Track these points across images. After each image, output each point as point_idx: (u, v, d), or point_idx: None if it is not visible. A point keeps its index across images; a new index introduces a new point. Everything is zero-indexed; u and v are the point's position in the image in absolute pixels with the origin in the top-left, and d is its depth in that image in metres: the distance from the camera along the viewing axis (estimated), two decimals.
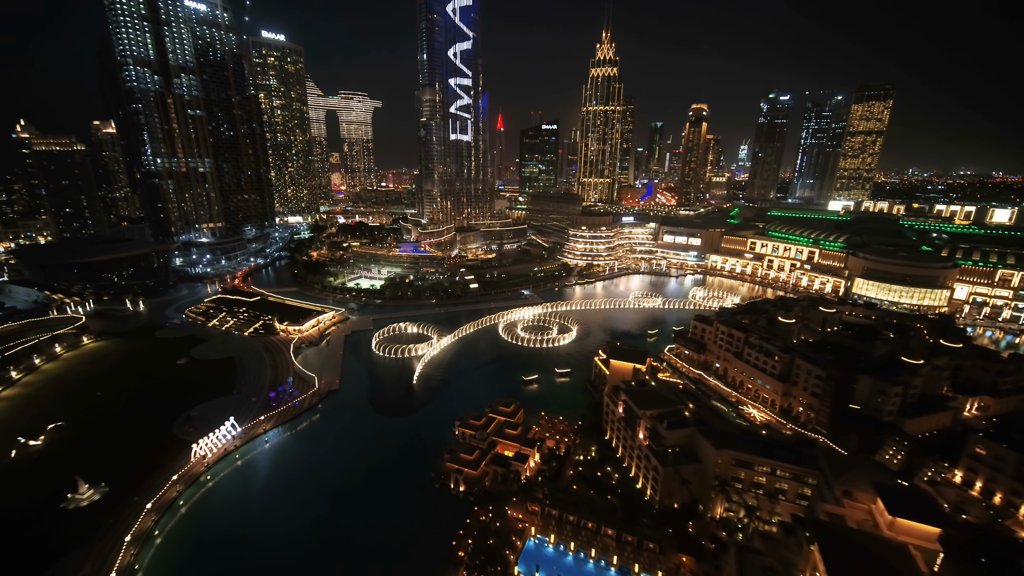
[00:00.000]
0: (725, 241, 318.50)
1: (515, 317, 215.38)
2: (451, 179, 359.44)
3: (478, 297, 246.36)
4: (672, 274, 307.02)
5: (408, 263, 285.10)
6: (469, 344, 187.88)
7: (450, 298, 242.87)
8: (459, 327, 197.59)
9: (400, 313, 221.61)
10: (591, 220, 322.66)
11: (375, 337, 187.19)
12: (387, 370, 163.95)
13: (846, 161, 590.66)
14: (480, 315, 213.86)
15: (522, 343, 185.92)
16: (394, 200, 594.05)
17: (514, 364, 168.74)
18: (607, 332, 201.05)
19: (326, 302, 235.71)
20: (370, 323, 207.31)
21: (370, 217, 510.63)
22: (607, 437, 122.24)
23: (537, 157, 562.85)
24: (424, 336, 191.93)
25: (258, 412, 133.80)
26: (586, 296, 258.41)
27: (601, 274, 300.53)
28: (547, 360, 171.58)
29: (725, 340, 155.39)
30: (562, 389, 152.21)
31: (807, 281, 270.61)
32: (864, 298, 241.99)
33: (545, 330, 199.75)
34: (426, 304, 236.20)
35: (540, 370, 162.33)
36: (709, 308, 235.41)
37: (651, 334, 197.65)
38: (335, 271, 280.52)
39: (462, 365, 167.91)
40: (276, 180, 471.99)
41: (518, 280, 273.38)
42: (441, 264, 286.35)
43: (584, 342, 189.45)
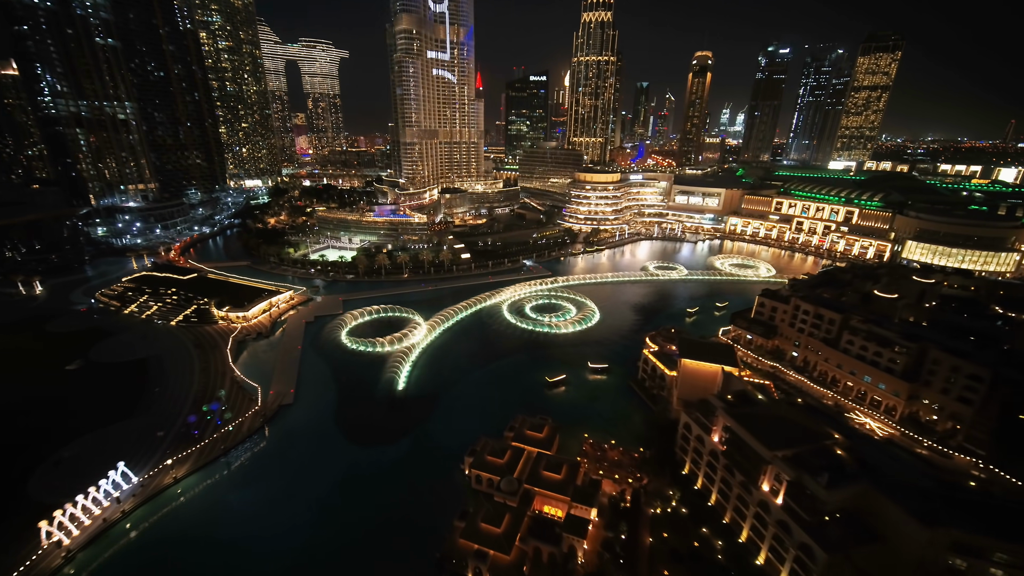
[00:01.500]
0: (746, 202, 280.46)
1: (520, 294, 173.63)
2: (432, 131, 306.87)
3: (472, 270, 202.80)
4: (689, 239, 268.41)
5: (385, 230, 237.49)
6: (468, 331, 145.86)
7: (439, 272, 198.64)
8: (453, 309, 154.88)
9: (378, 292, 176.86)
10: (596, 178, 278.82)
11: (346, 324, 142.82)
12: (362, 371, 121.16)
13: (848, 119, 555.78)
14: (477, 292, 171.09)
15: (534, 327, 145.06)
16: (367, 163, 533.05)
17: (529, 357, 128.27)
18: (636, 311, 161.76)
19: (284, 279, 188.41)
20: (339, 305, 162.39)
21: (340, 181, 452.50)
22: (685, 471, 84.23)
23: (524, 113, 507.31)
24: (409, 321, 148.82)
25: (169, 448, 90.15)
26: (596, 266, 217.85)
27: (610, 240, 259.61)
28: (571, 350, 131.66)
29: (809, 322, 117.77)
30: (600, 392, 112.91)
31: (844, 245, 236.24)
32: (915, 263, 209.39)
33: (560, 309, 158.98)
34: (410, 280, 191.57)
35: (566, 366, 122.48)
36: (743, 278, 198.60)
37: (690, 312, 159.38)
38: (296, 241, 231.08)
39: (463, 361, 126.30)
40: (227, 137, 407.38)
41: (517, 249, 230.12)
42: (425, 231, 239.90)
43: (612, 324, 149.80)
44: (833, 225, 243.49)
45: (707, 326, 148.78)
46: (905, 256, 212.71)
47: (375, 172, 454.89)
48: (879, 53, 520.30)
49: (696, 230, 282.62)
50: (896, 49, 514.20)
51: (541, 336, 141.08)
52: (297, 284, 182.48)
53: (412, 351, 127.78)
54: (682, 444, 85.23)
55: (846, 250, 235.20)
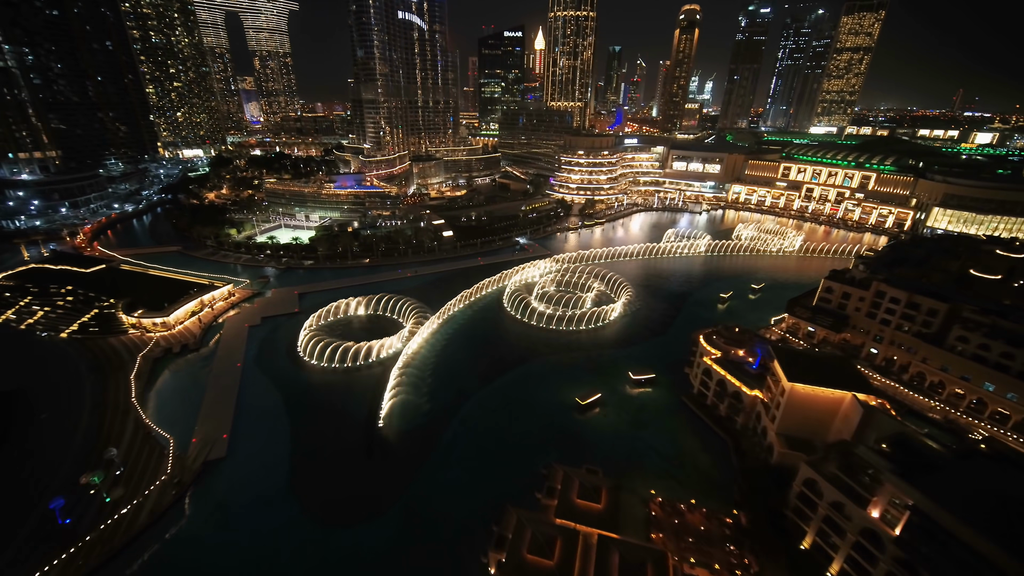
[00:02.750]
0: (750, 167, 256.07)
1: (521, 279, 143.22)
2: (399, 86, 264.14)
3: (458, 251, 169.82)
4: (693, 209, 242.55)
5: (349, 204, 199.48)
6: (463, 331, 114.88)
7: (418, 254, 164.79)
8: (440, 300, 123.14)
9: (344, 281, 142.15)
10: (589, 142, 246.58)
11: (304, 328, 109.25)
12: (327, 398, 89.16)
13: (829, 83, 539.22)
14: (468, 279, 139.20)
15: (545, 323, 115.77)
16: (326, 130, 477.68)
17: (547, 367, 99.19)
18: (661, 296, 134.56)
19: (225, 269, 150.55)
20: (294, 301, 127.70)
21: (296, 149, 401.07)
22: (806, 546, 58.43)
23: (499, 74, 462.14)
24: (387, 322, 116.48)
25: (20, 555, 56.89)
26: (598, 242, 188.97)
27: (608, 212, 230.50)
28: (596, 353, 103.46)
29: (899, 313, 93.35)
30: (647, 413, 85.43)
31: (860, 213, 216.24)
32: (941, 231, 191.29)
33: (572, 298, 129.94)
34: (383, 265, 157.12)
35: (595, 375, 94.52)
36: (768, 252, 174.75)
37: (723, 297, 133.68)
38: (241, 219, 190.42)
39: (462, 377, 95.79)
40: (157, 98, 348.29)
41: (506, 224, 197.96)
42: (396, 204, 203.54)
43: (638, 315, 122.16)
44: (847, 192, 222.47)
45: (749, 314, 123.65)
46: (930, 225, 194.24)
47: (335, 140, 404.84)
48: (862, 12, 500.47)
49: (697, 199, 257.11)
50: (880, 8, 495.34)
51: (556, 336, 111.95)
52: (240, 275, 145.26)
53: (393, 364, 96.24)
54: (799, 505, 59.10)
55: (862, 219, 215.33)
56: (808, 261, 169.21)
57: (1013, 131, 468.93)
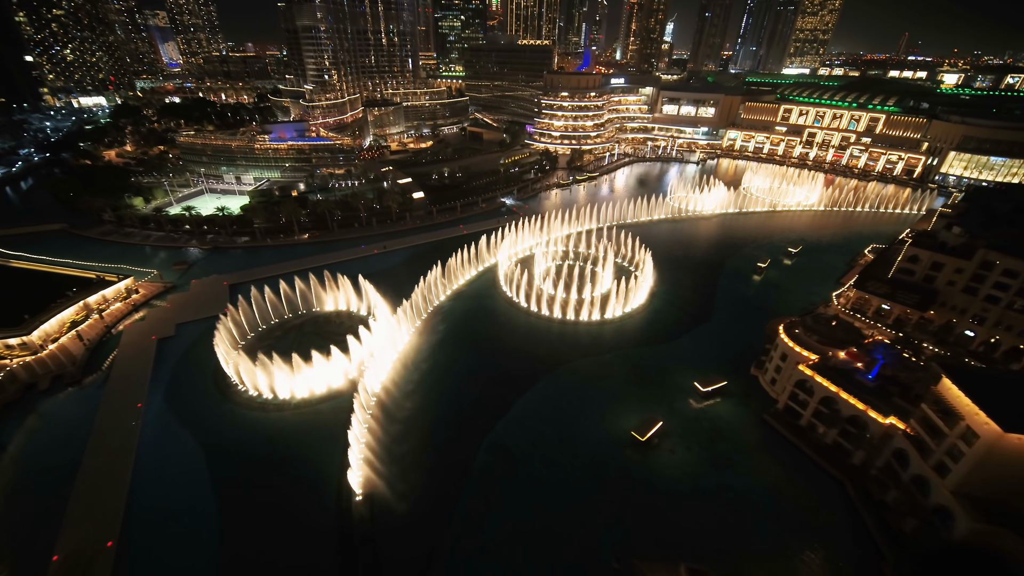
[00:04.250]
0: (747, 110, 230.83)
1: (517, 251, 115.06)
2: (345, 12, 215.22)
3: (435, 217, 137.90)
4: (690, 160, 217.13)
5: (292, 161, 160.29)
6: (454, 329, 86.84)
7: (384, 223, 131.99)
8: (418, 285, 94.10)
9: (291, 265, 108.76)
10: (575, 82, 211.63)
11: (237, 339, 78.16)
12: (273, 457, 60.79)
13: (803, 20, 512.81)
14: (446, 252, 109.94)
15: (557, 312, 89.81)
16: (258, 73, 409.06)
17: (574, 376, 74.13)
18: (688, 269, 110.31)
19: (129, 254, 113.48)
20: (223, 296, 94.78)
21: (222, 96, 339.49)
22: None
23: (458, 5, 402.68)
24: (351, 320, 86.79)
25: None
26: (595, 200, 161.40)
27: (600, 165, 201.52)
28: (631, 350, 79.52)
29: (1014, 289, 73.73)
30: (729, 445, 62.49)
31: (867, 160, 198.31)
32: (956, 178, 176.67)
33: (583, 274, 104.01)
34: (341, 241, 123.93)
35: (643, 387, 70.85)
36: (789, 209, 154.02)
37: (760, 267, 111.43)
38: (150, 185, 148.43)
39: (463, 403, 68.95)
40: (32, 29, 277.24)
41: (487, 182, 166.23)
42: (351, 160, 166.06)
43: (668, 297, 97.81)
44: (853, 136, 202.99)
45: (796, 286, 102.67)
46: (943, 171, 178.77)
47: (271, 85, 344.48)
48: None
49: (690, 147, 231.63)
50: None
51: (574, 330, 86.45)
52: (147, 262, 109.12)
53: (364, 387, 68.29)
54: None
55: (868, 166, 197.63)
56: (832, 217, 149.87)
57: (977, 72, 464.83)
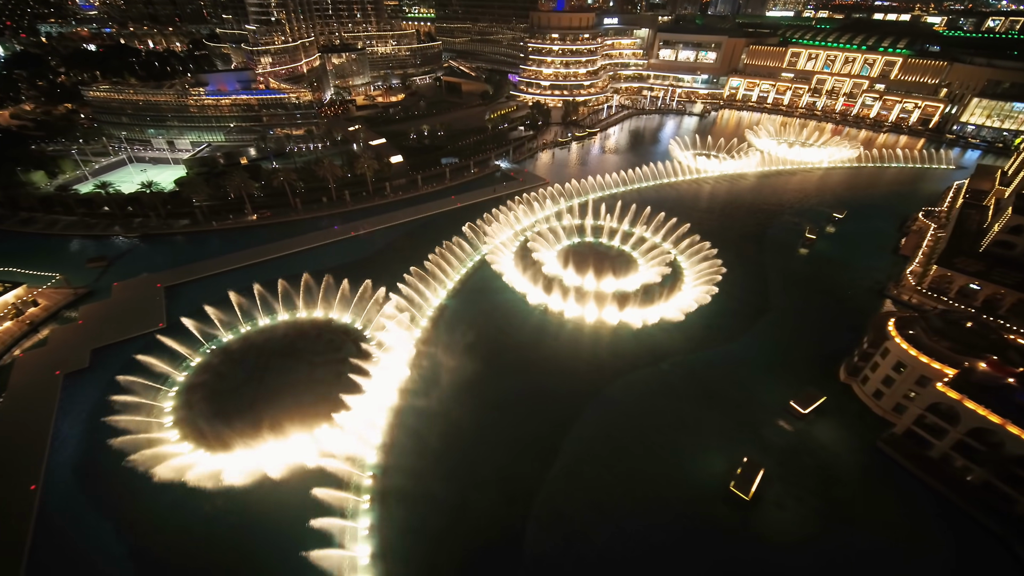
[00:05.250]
0: (750, 55, 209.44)
1: (521, 228, 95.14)
2: None
3: (420, 187, 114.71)
4: (690, 111, 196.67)
5: (238, 120, 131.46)
6: (462, 342, 66.26)
7: (360, 197, 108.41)
8: (411, 285, 74.34)
9: (245, 256, 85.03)
10: (567, 20, 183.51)
11: (180, 367, 57.43)
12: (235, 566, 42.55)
13: None
14: (444, 232, 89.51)
15: (582, 306, 72.28)
16: (192, 16, 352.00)
17: (628, 399, 57.54)
18: (726, 241, 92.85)
19: (25, 249, 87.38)
20: (158, 305, 72.16)
21: (149, 43, 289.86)
22: None
23: None
24: (338, 336, 66.49)
25: None
26: (599, 160, 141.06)
27: (598, 119, 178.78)
28: (689, 357, 63.50)
29: None
30: (845, 488, 47.76)
31: (880, 109, 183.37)
32: (975, 128, 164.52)
33: (603, 255, 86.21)
34: (306, 220, 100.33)
35: (717, 409, 55.34)
36: (815, 166, 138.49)
37: (809, 239, 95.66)
38: (54, 153, 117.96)
39: (495, 456, 51.36)
40: None
41: (474, 142, 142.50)
42: (311, 117, 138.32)
43: (720, 282, 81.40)
44: (865, 83, 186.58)
45: (850, 260, 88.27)
46: (963, 120, 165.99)
47: (207, 29, 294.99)
48: None
49: (689, 97, 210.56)
50: None
51: (609, 334, 69.21)
52: (51, 260, 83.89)
53: (361, 451, 49.97)
54: None
55: (881, 115, 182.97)
56: (861, 174, 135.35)
57: (960, 15, 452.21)
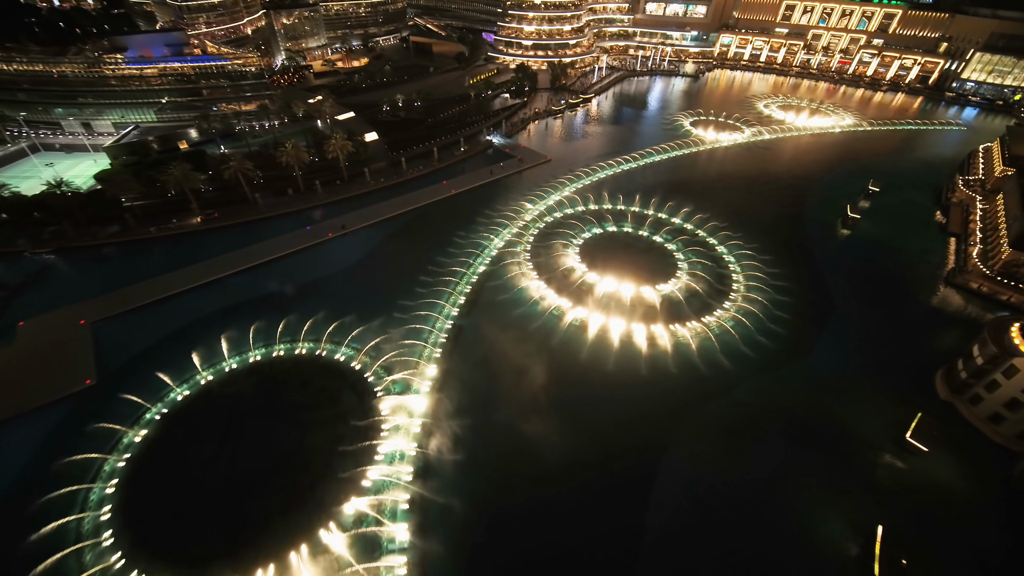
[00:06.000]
0: (742, 8, 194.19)
1: (529, 220, 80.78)
2: None
3: (405, 172, 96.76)
4: (682, 71, 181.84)
5: (171, 94, 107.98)
6: (484, 386, 52.88)
7: (333, 187, 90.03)
8: (405, 289, 60.18)
9: (192, 271, 67.43)
10: None
11: (112, 446, 42.02)
12: None
13: None
14: (439, 228, 74.86)
15: (622, 324, 60.20)
16: None
17: (705, 452, 46.06)
18: (762, 226, 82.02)
19: None
20: (84, 352, 54.63)
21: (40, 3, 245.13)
22: None
23: None
24: (336, 375, 51.59)
25: None
26: (600, 129, 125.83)
27: (589, 83, 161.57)
28: (756, 378, 52.69)
29: None
30: (998, 555, 39.52)
31: (877, 66, 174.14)
32: (975, 85, 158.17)
33: (639, 246, 73.67)
34: (274, 220, 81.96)
35: (821, 452, 44.79)
36: (825, 130, 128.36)
37: (852, 219, 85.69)
38: None
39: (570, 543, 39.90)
40: None
41: (458, 113, 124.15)
42: (262, 88, 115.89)
43: (771, 277, 70.08)
44: (863, 37, 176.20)
45: (903, 242, 79.12)
46: (965, 76, 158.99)
47: None
48: None
49: (679, 56, 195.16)
50: None
51: (658, 350, 57.53)
52: None
53: None
54: None
55: (879, 73, 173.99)
56: (873, 138, 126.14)
57: None
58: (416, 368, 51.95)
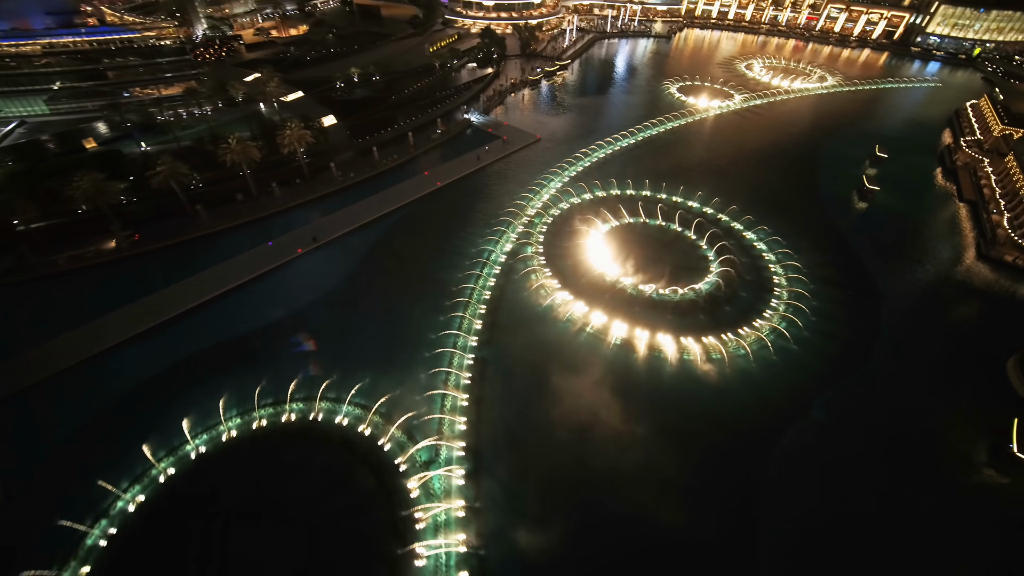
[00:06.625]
0: None
1: (541, 211, 69.81)
2: None
3: (378, 163, 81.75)
4: (654, 32, 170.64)
5: (64, 77, 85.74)
6: (537, 454, 43.97)
7: (292, 187, 74.36)
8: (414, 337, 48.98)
9: (126, 319, 52.28)
10: None
11: None
12: None
13: None
14: (427, 231, 62.84)
15: (669, 336, 52.09)
16: None
17: (797, 519, 39.46)
18: (780, 202, 75.07)
19: None
20: None
21: None
22: None
23: None
24: (343, 446, 39.90)
25: None
26: (586, 101, 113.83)
27: (561, 47, 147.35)
28: (826, 390, 46.66)
29: None
30: None
31: (845, 21, 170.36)
32: (939, 40, 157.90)
33: (666, 243, 64.92)
34: (215, 237, 65.97)
35: (921, 468, 39.39)
36: (808, 92, 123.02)
37: (869, 191, 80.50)
38: None
39: None
40: None
41: (425, 87, 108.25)
42: (185, 67, 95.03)
43: (805, 264, 63.45)
44: None
45: (921, 215, 74.83)
46: (930, 31, 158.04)
47: None
48: None
49: (647, 14, 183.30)
50: None
51: (717, 366, 49.89)
52: None
53: None
54: None
55: (846, 28, 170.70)
56: (857, 98, 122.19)
57: None
58: (442, 429, 41.46)
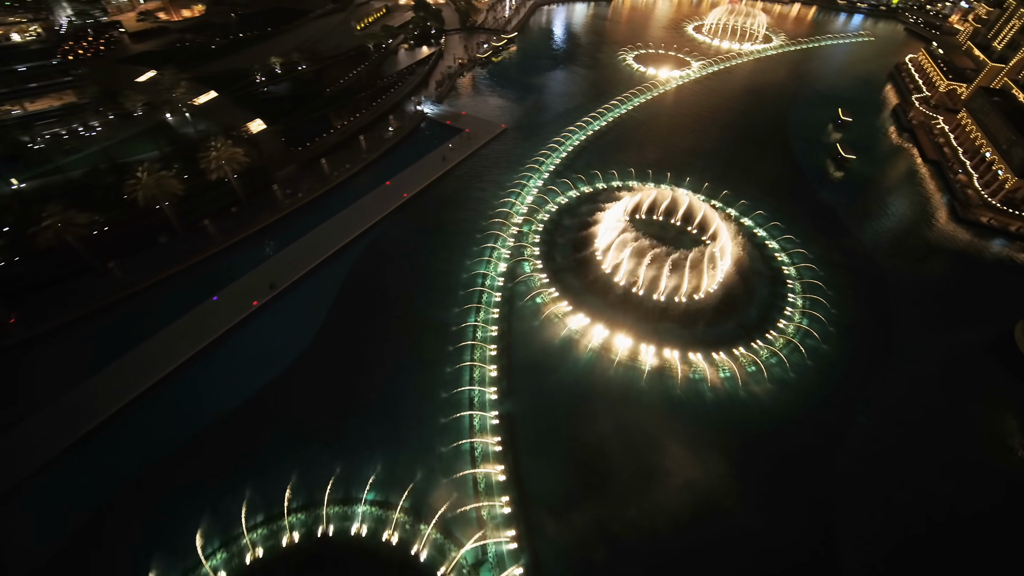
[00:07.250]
0: None
1: (532, 218, 62.03)
2: None
3: (329, 176, 68.85)
4: None
5: None
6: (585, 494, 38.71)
7: (225, 219, 60.79)
8: (420, 399, 41.34)
9: (26, 443, 39.72)
10: None
11: None
12: None
13: None
14: (405, 265, 53.99)
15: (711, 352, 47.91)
16: None
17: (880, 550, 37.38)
18: (757, 179, 72.64)
19: None
20: None
21: None
22: None
23: None
24: None
25: None
26: (538, 81, 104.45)
27: (502, 16, 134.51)
28: (881, 397, 44.94)
29: None
30: None
31: None
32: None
33: (669, 242, 59.78)
34: (135, 299, 52.21)
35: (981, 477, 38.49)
36: (760, 53, 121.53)
37: (844, 159, 79.57)
38: None
39: None
40: None
41: (363, 76, 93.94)
42: (52, 71, 74.84)
43: (824, 252, 60.93)
44: None
45: (895, 185, 75.24)
46: None
47: None
48: None
49: None
50: None
51: (752, 377, 46.41)
52: None
53: None
54: None
55: None
56: (797, 59, 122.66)
57: None
58: (482, 517, 34.56)
